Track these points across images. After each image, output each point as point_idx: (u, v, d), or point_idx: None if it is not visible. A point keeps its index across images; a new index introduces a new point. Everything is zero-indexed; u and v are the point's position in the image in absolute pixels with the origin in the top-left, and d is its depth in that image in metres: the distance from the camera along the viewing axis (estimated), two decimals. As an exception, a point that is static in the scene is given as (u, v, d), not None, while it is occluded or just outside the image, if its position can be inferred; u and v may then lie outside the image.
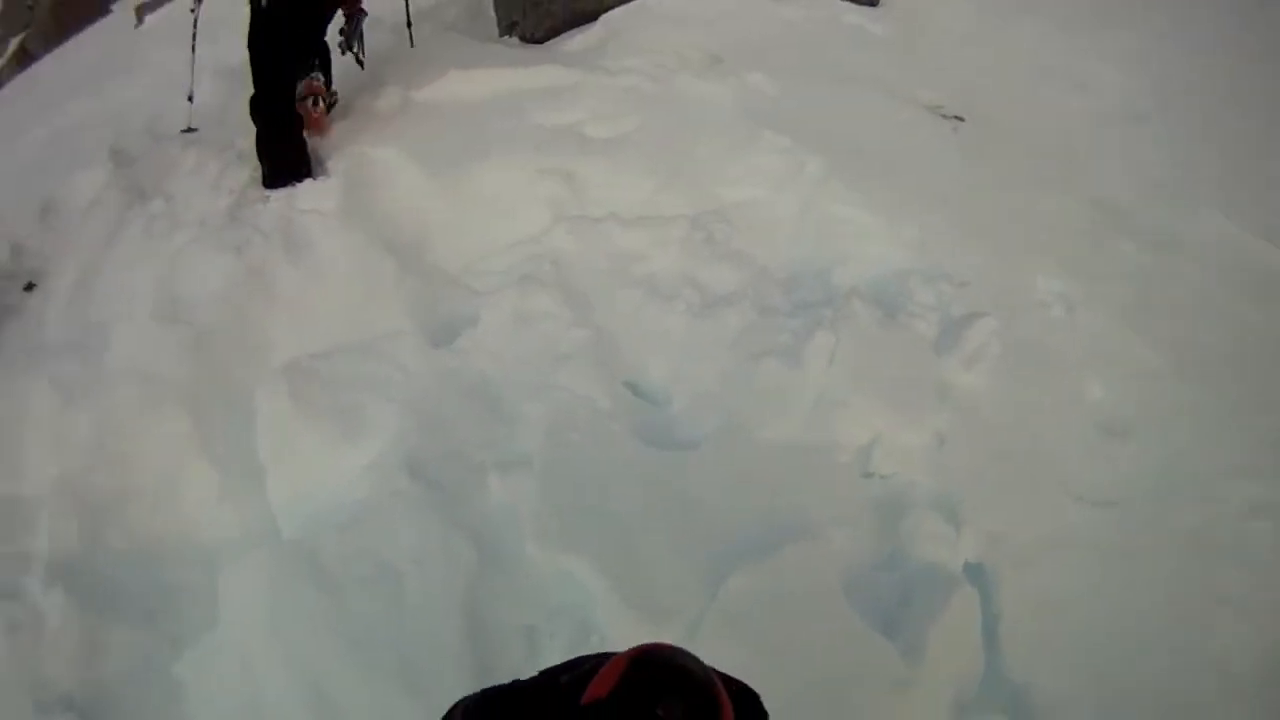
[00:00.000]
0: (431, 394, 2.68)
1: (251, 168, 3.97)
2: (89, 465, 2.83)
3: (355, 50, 4.32)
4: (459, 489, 2.45)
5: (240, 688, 2.21)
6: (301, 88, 3.96)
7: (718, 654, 2.04)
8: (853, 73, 4.17)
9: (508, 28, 5.28)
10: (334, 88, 4.26)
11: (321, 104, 4.04)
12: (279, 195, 3.75)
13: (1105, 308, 2.99)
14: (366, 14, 4.32)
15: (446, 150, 3.68)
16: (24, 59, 19.79)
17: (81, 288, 3.62)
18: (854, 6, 4.97)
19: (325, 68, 4.14)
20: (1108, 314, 2.97)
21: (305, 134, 3.93)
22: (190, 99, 4.53)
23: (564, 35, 4.91)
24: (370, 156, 3.80)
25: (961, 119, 4.03)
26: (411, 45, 4.83)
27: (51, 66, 10.96)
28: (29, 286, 3.79)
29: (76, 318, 3.48)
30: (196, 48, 4.55)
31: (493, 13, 5.51)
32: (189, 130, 4.47)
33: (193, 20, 4.44)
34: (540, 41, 5.00)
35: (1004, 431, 2.61)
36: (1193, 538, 2.41)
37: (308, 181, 3.75)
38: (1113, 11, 5.65)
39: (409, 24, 4.84)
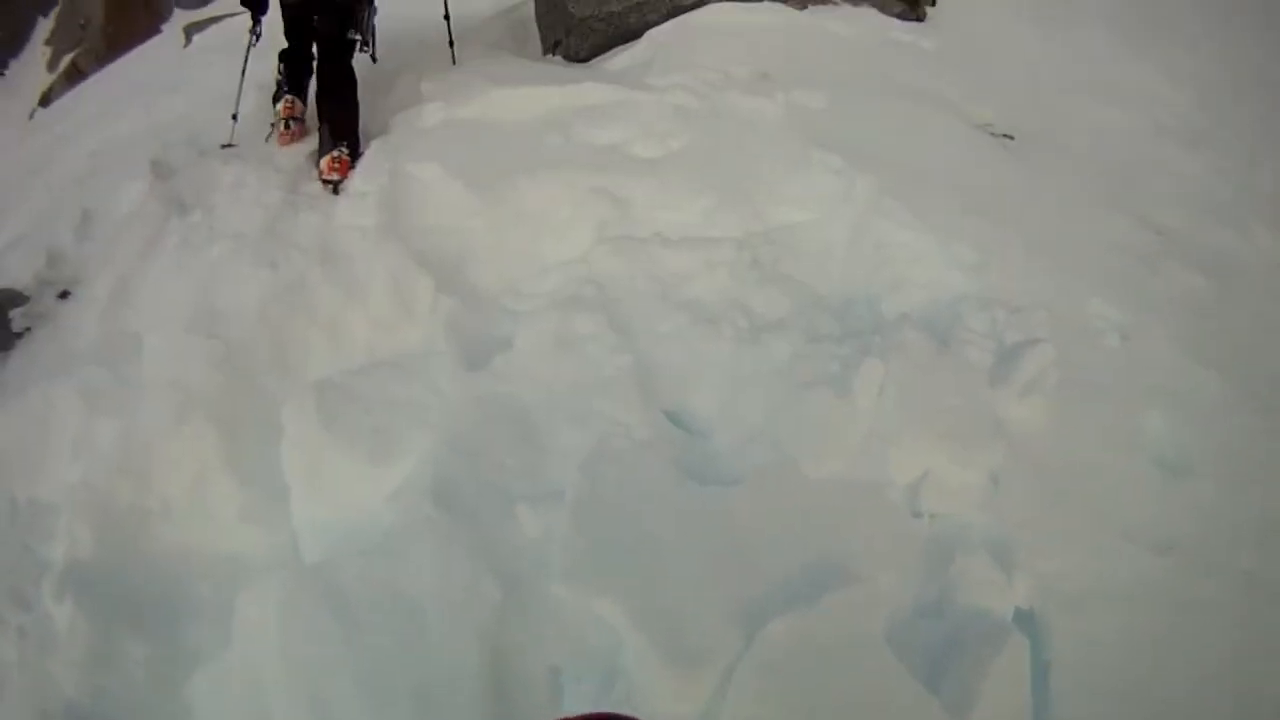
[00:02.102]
0: (464, 418, 2.59)
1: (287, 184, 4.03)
2: (111, 475, 2.80)
3: (369, 45, 4.49)
4: (488, 520, 2.35)
5: (248, 711, 2.14)
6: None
7: (752, 704, 1.95)
8: (902, 89, 4.10)
9: (552, 46, 5.26)
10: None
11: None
12: (318, 211, 3.74)
13: (1162, 335, 2.88)
14: (376, 9, 4.50)
15: (489, 168, 3.62)
16: (74, 75, 20.39)
17: (116, 298, 3.63)
18: (901, 22, 4.93)
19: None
20: (1164, 342, 2.86)
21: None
22: (234, 117, 4.59)
23: (608, 53, 4.87)
24: (411, 173, 3.74)
25: (1011, 137, 3.96)
26: (454, 63, 4.87)
27: (100, 83, 11.20)
28: (64, 294, 3.82)
29: (109, 327, 3.48)
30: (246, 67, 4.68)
31: (537, 32, 5.50)
32: (229, 145, 4.52)
33: (247, 46, 4.62)
34: (585, 60, 4.96)
35: (1060, 469, 2.49)
36: (1252, 582, 2.29)
37: (345, 199, 3.76)
38: (1163, 22, 5.60)
39: (451, 43, 4.92)
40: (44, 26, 26.51)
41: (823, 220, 3.17)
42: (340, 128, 4.12)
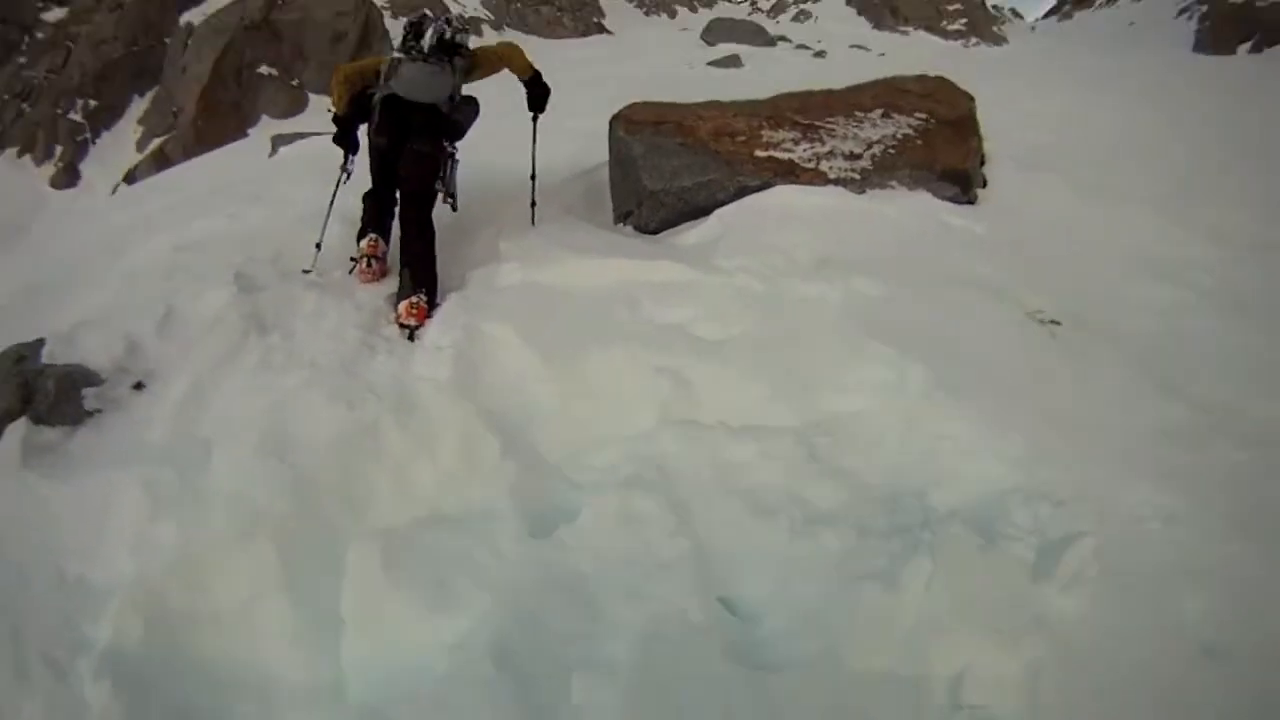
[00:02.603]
0: (525, 582, 2.70)
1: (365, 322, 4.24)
2: (168, 575, 2.91)
3: (451, 196, 4.87)
4: (542, 683, 2.42)
5: None
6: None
7: None
8: (953, 275, 4.25)
9: (623, 216, 5.47)
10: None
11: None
12: (394, 357, 3.93)
13: (1205, 516, 2.88)
14: (458, 161, 4.91)
15: (560, 335, 3.81)
16: (161, 160, 21.56)
17: (191, 401, 3.78)
18: (953, 205, 5.09)
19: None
20: (1208, 524, 2.85)
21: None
22: (318, 246, 4.90)
23: (678, 227, 5.05)
24: (486, 332, 3.95)
25: (1059, 323, 4.04)
26: (533, 223, 5.12)
27: (186, 175, 11.72)
28: (138, 385, 3.97)
29: (180, 430, 3.61)
30: (334, 200, 5.05)
31: (610, 199, 5.74)
32: (309, 271, 4.82)
33: (337, 180, 5.01)
34: (654, 232, 5.17)
35: (1100, 659, 2.52)
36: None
37: (421, 350, 3.97)
38: (1203, 187, 5.68)
39: (533, 203, 5.20)
40: (138, 106, 27.97)
41: (876, 411, 3.27)
42: (421, 275, 4.38)
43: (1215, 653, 2.51)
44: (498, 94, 5.70)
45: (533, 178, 5.29)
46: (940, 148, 5.31)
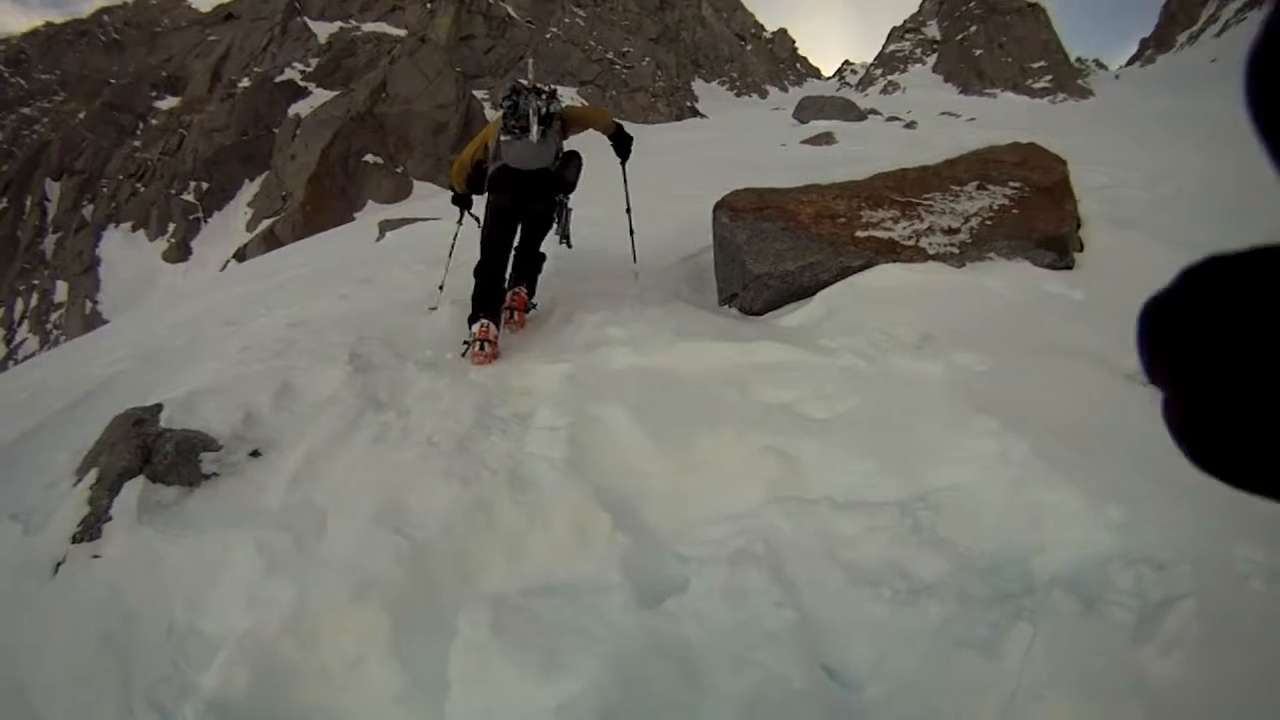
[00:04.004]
0: (633, 651, 2.74)
1: (479, 402, 4.40)
2: (280, 629, 3.00)
3: (567, 237, 5.57)
4: (649, 753, 2.45)
5: None
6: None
7: None
8: (1054, 344, 4.22)
9: (728, 298, 5.61)
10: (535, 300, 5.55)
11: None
12: (509, 437, 4.06)
13: None
14: (571, 209, 5.59)
15: (670, 417, 3.92)
16: (270, 240, 22.83)
17: (306, 471, 3.94)
18: (1051, 272, 5.06)
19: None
20: None
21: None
22: (441, 287, 5.76)
23: (782, 309, 5.16)
24: (598, 414, 4.07)
25: (1160, 387, 3.96)
26: (635, 277, 5.60)
27: (297, 256, 12.31)
28: (255, 453, 4.15)
29: (297, 496, 3.77)
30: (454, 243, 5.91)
31: (714, 281, 5.90)
32: (434, 309, 5.64)
33: (455, 232, 5.94)
34: (759, 313, 5.28)
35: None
36: None
37: (535, 431, 4.08)
38: None
39: (634, 255, 5.78)
40: (248, 190, 29.82)
41: (980, 483, 3.27)
42: (526, 274, 5.36)
43: (1314, 707, 2.42)
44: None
45: (631, 232, 5.75)
46: (1036, 215, 5.31)
